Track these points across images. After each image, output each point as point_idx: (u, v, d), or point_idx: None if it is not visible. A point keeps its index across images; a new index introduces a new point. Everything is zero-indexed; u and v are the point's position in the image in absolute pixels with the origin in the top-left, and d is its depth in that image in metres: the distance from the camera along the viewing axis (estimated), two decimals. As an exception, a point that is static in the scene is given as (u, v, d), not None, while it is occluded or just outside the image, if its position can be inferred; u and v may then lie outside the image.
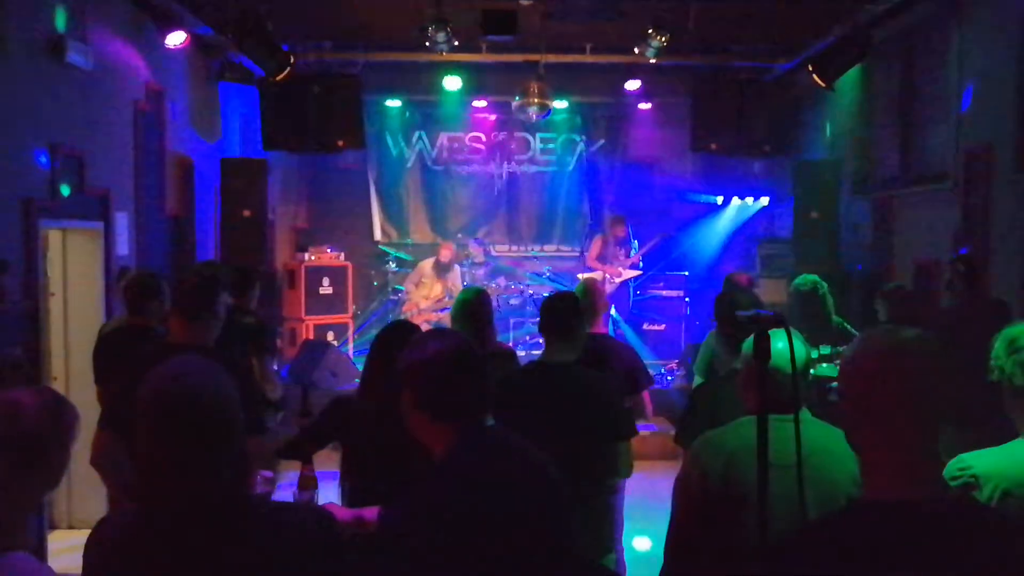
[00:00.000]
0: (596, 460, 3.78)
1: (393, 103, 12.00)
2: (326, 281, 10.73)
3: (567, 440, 3.59)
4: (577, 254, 11.94)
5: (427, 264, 10.71)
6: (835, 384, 1.84)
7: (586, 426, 3.69)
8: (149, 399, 1.87)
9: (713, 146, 10.24)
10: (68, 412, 2.10)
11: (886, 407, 1.69)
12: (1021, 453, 2.37)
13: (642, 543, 5.67)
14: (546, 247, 12.65)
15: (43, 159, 5.90)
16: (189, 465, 1.84)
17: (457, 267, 10.81)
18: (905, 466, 1.69)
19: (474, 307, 4.73)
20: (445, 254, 10.63)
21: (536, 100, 10.03)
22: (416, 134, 12.56)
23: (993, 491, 2.31)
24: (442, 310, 10.12)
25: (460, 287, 10.32)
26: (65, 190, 6.06)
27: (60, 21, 6.09)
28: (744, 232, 11.94)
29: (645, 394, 4.92)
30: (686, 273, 11.36)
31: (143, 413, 1.87)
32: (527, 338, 10.60)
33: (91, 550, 1.93)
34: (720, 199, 12.29)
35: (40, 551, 5.36)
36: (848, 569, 1.63)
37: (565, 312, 3.97)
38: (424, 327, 10.48)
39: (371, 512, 2.85)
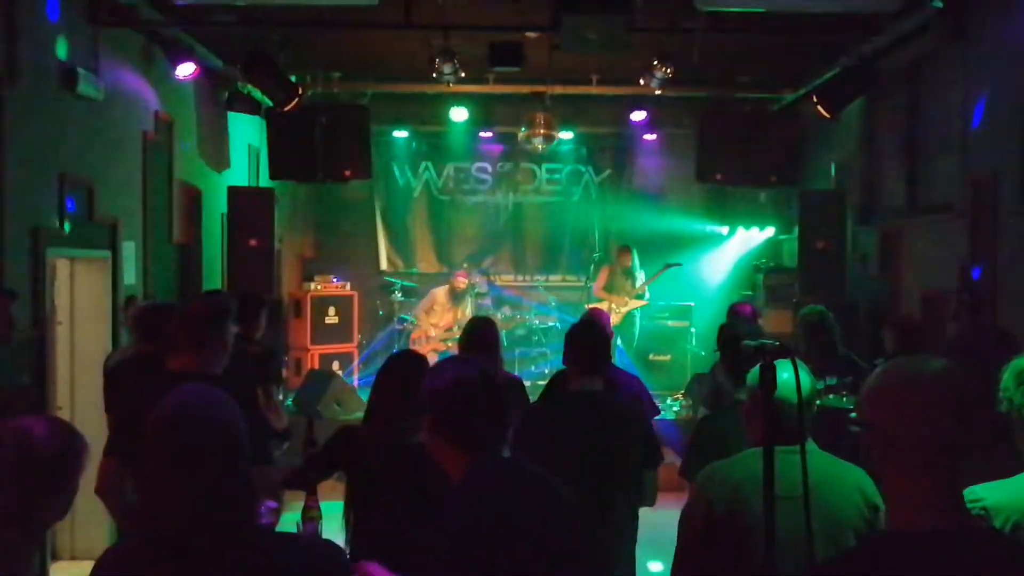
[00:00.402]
0: (627, 488, 3.79)
1: (400, 134, 12.08)
2: (332, 310, 10.74)
3: (598, 468, 3.61)
4: (582, 284, 11.95)
5: (440, 292, 10.71)
6: (854, 415, 1.81)
7: (617, 454, 3.70)
8: (156, 427, 1.87)
9: (718, 176, 10.26)
10: (78, 441, 2.10)
11: (912, 438, 1.67)
12: (1031, 485, 2.36)
13: (650, 571, 5.63)
14: (551, 277, 12.67)
15: (52, 188, 5.94)
16: (195, 493, 1.83)
17: (469, 298, 10.81)
18: (931, 497, 1.67)
19: (481, 335, 4.74)
20: (460, 282, 10.64)
21: (542, 131, 10.09)
22: (423, 164, 12.63)
23: (1004, 523, 2.29)
24: (451, 340, 10.11)
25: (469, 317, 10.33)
26: (67, 226, 6.05)
27: (71, 52, 6.15)
28: (749, 262, 11.95)
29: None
30: (692, 303, 11.35)
31: (150, 441, 1.86)
32: (532, 368, 10.58)
33: None
34: (726, 229, 12.31)
35: (43, 581, 5.34)
36: None
37: (593, 341, 3.98)
38: (432, 356, 10.48)
39: None
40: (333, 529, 3.58)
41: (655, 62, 8.15)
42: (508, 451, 2.43)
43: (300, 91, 8.73)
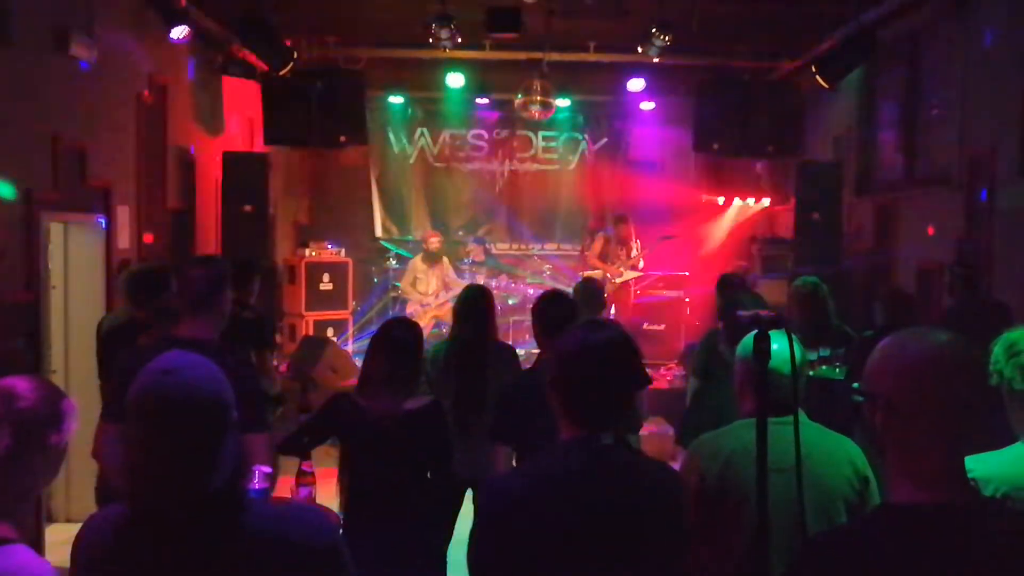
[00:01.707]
0: None
1: (396, 99, 12.01)
2: (326, 277, 10.73)
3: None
4: (578, 253, 11.94)
5: (417, 260, 10.68)
6: (857, 385, 1.78)
7: None
8: (138, 395, 1.81)
9: (715, 146, 10.22)
10: (63, 400, 2.09)
11: (920, 410, 1.65)
12: (1021, 457, 2.37)
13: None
14: (547, 246, 12.66)
15: (46, 151, 5.90)
16: (178, 464, 1.79)
17: (446, 258, 10.77)
18: (937, 470, 1.66)
19: (477, 304, 4.75)
20: (433, 243, 10.59)
21: (539, 98, 10.03)
22: (418, 131, 12.57)
23: (993, 494, 2.31)
24: (443, 305, 10.10)
25: (454, 278, 10.34)
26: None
27: (64, 14, 6.08)
28: (745, 233, 11.95)
29: (642, 394, 4.92)
30: (687, 274, 11.35)
31: (132, 410, 1.81)
32: (527, 337, 10.59)
33: (79, 550, 1.89)
34: (722, 199, 12.29)
35: (37, 544, 5.36)
36: (883, 573, 1.61)
37: (550, 315, 3.97)
38: (429, 324, 10.41)
39: None
40: (328, 494, 3.61)
41: (653, 30, 8.09)
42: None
43: (295, 55, 8.66)
